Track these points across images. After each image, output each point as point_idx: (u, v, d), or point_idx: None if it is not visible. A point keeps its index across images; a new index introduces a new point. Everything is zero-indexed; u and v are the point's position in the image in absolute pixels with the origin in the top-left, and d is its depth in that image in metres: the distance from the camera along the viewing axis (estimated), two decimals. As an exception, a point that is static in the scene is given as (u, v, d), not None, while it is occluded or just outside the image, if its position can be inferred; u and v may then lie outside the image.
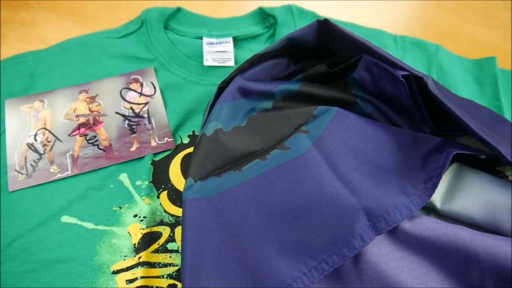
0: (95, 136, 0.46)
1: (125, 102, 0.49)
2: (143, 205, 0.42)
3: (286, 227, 0.32)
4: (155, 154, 0.46)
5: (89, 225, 0.41)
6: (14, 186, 0.42)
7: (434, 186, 0.31)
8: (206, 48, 0.54)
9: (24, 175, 0.43)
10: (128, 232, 0.41)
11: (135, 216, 0.42)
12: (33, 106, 0.48)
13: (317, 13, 0.59)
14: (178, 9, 0.57)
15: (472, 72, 0.55)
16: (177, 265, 0.40)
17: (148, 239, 0.41)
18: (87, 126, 0.47)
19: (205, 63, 0.52)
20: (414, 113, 0.38)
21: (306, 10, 0.59)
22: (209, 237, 0.33)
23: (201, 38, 0.56)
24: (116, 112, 0.48)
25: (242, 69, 0.42)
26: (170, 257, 0.40)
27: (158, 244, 0.41)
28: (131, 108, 0.48)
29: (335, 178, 0.33)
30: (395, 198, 0.31)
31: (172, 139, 0.46)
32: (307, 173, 0.34)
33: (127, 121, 0.47)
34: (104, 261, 0.39)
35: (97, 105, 0.48)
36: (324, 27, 0.40)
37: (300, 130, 0.37)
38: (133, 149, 0.45)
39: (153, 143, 0.46)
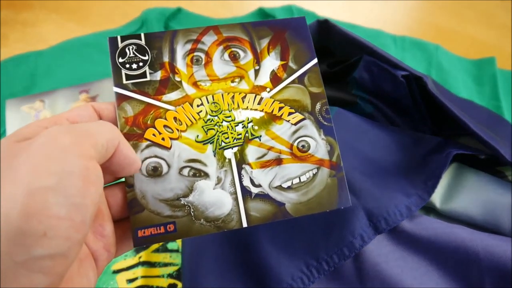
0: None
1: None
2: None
3: (286, 227, 0.32)
4: (156, 154, 0.46)
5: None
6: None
7: (434, 186, 0.31)
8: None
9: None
10: (129, 232, 0.41)
11: (136, 216, 0.42)
12: (33, 106, 0.48)
13: (316, 13, 0.60)
14: (179, 10, 0.57)
15: (471, 72, 0.56)
16: (177, 265, 0.40)
17: (148, 239, 0.41)
18: (87, 126, 0.47)
19: (206, 63, 0.52)
20: (414, 113, 0.38)
21: (306, 10, 0.59)
22: (210, 237, 0.33)
23: (201, 38, 0.56)
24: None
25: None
26: (170, 256, 0.40)
27: (158, 243, 0.41)
28: (132, 108, 0.48)
29: (335, 178, 0.33)
30: (395, 198, 0.31)
31: (172, 139, 0.46)
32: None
33: (127, 121, 0.47)
34: (104, 260, 0.40)
35: (97, 105, 0.48)
36: (324, 27, 0.40)
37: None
38: (133, 149, 0.46)
39: (154, 143, 0.46)
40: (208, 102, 0.25)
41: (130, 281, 0.39)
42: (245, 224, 0.24)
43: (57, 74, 0.51)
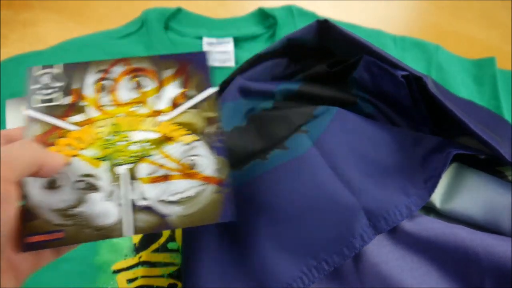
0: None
1: (126, 102, 0.49)
2: (143, 205, 0.42)
3: (286, 227, 0.32)
4: (156, 154, 0.46)
5: (89, 225, 0.41)
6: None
7: (434, 186, 0.31)
8: (206, 48, 0.54)
9: (25, 175, 0.43)
10: (129, 232, 0.41)
11: (136, 216, 0.42)
12: (34, 106, 0.48)
13: (316, 13, 0.60)
14: (179, 10, 0.57)
15: (471, 72, 0.56)
16: (177, 265, 0.40)
17: (148, 239, 0.41)
18: (87, 126, 0.47)
19: (206, 63, 0.53)
20: (414, 113, 0.38)
21: (306, 11, 0.59)
22: (210, 237, 0.33)
23: (201, 38, 0.56)
24: (117, 112, 0.48)
25: (242, 69, 0.42)
26: (170, 256, 0.40)
27: (159, 243, 0.41)
28: (132, 108, 0.48)
29: (335, 178, 0.33)
30: (395, 198, 0.31)
31: (172, 139, 0.46)
32: (307, 173, 0.34)
33: (127, 121, 0.47)
34: (104, 260, 0.40)
35: (97, 105, 0.48)
36: (324, 27, 0.40)
37: (300, 130, 0.37)
38: (133, 149, 0.45)
39: (154, 143, 0.46)
40: (109, 124, 0.28)
41: (130, 281, 0.39)
42: (130, 233, 0.26)
43: (57, 74, 0.51)
